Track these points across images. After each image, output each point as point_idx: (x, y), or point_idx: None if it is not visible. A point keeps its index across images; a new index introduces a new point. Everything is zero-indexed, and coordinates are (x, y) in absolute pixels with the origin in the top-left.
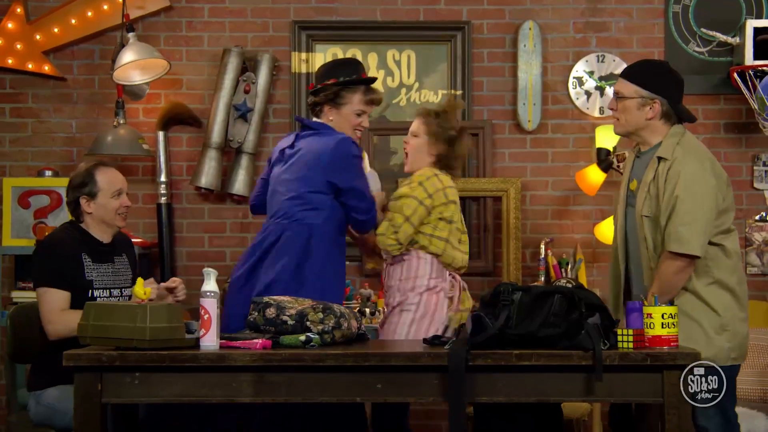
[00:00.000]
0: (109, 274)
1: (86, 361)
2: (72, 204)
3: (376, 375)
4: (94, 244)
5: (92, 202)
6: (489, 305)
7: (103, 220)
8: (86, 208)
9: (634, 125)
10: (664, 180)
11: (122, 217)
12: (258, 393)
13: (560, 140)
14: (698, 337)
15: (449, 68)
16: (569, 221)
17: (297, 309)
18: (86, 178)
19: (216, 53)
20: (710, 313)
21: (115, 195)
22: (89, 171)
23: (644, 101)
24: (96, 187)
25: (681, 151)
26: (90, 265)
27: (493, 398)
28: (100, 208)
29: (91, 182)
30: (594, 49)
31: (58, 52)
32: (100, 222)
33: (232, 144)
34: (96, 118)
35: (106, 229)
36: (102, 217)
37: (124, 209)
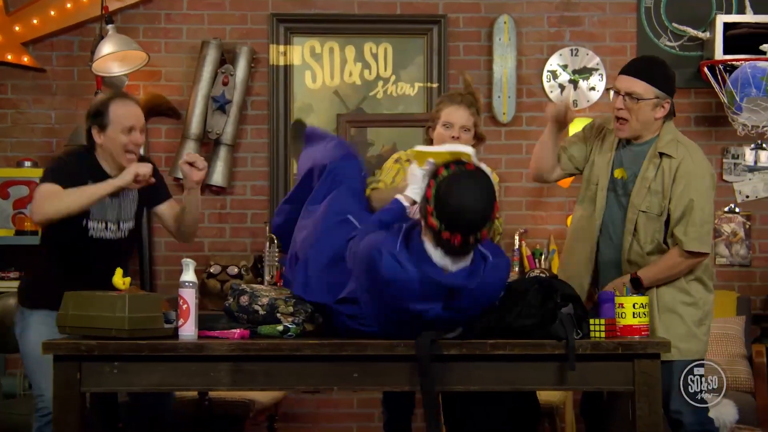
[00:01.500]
0: (109, 207)
1: (65, 351)
2: (87, 132)
3: (352, 364)
4: (102, 175)
5: (102, 134)
6: None
7: (111, 154)
8: (97, 138)
9: (644, 126)
10: (672, 179)
11: (129, 157)
12: (236, 382)
13: (534, 133)
14: (681, 330)
15: (425, 61)
16: (543, 212)
17: (269, 298)
18: (101, 108)
19: (194, 45)
20: (692, 307)
21: (126, 131)
22: (105, 102)
23: (659, 101)
24: (107, 119)
25: (685, 150)
26: None
27: (468, 387)
28: (109, 141)
29: (104, 113)
30: (568, 43)
31: (38, 43)
32: (109, 155)
33: (211, 135)
34: (75, 110)
35: (114, 163)
36: (110, 150)
37: (133, 146)
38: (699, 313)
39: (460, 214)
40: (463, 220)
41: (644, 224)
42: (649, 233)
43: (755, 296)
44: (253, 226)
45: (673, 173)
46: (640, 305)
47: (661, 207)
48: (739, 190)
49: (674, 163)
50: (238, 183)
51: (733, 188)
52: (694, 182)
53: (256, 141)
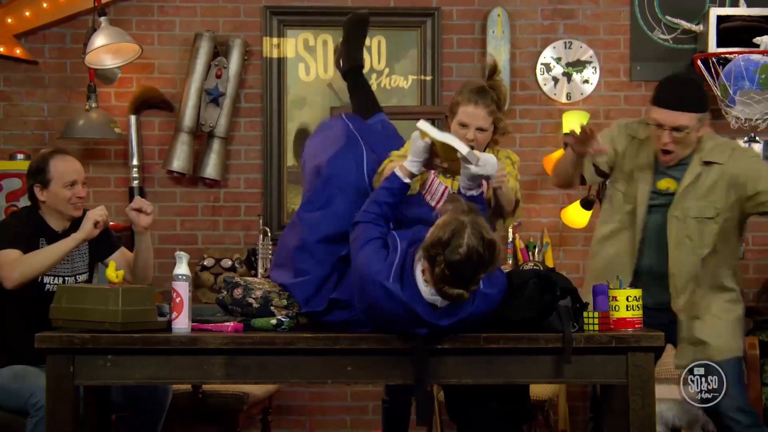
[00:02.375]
0: (65, 262)
1: (58, 344)
2: (29, 191)
3: (346, 358)
4: (50, 233)
5: (45, 190)
6: None
7: (56, 209)
8: (39, 196)
9: (690, 147)
10: (729, 182)
11: (75, 207)
12: (229, 375)
13: (528, 125)
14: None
15: (419, 54)
16: (536, 205)
17: (263, 291)
18: (41, 165)
19: (188, 38)
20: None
21: (68, 185)
22: (45, 158)
23: (701, 122)
24: (49, 175)
25: (729, 150)
26: None
27: (461, 380)
28: (52, 196)
29: (45, 170)
30: (562, 36)
31: (30, 35)
32: (54, 210)
33: (204, 128)
34: (68, 102)
35: (60, 218)
36: (54, 206)
37: (77, 199)
38: (739, 309)
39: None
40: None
41: (698, 230)
42: (705, 238)
43: (748, 289)
44: (247, 219)
45: (728, 176)
46: (634, 298)
47: (715, 210)
48: None
49: (726, 168)
50: (231, 176)
51: None
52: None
53: (249, 134)
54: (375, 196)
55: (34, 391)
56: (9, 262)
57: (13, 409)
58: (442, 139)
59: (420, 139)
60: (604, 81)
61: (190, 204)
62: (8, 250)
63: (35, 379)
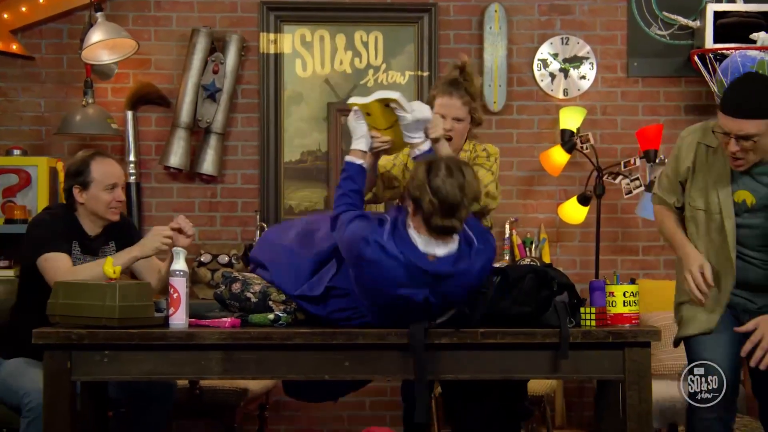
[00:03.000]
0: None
1: (55, 339)
2: (66, 192)
3: (343, 353)
4: (83, 235)
5: (84, 192)
6: None
7: (94, 212)
8: (78, 198)
9: (764, 154)
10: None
11: (114, 212)
12: (227, 371)
13: (525, 121)
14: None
15: (416, 50)
16: (533, 201)
17: (261, 286)
18: (81, 167)
19: (184, 33)
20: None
21: (109, 188)
22: (85, 160)
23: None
24: (90, 177)
25: None
26: (77, 255)
27: (458, 376)
28: (92, 199)
29: (85, 172)
30: (559, 32)
31: (26, 31)
32: (91, 213)
33: (201, 124)
34: (64, 98)
35: (96, 221)
36: (93, 209)
37: (117, 203)
38: None
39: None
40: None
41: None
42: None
43: None
44: (244, 215)
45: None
46: (631, 294)
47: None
48: None
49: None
50: (228, 171)
51: None
52: None
53: (246, 129)
54: (340, 190)
55: (28, 391)
56: (61, 271)
57: (10, 405)
58: (372, 98)
59: (352, 118)
60: (601, 77)
61: (187, 200)
62: (57, 254)
63: (33, 376)
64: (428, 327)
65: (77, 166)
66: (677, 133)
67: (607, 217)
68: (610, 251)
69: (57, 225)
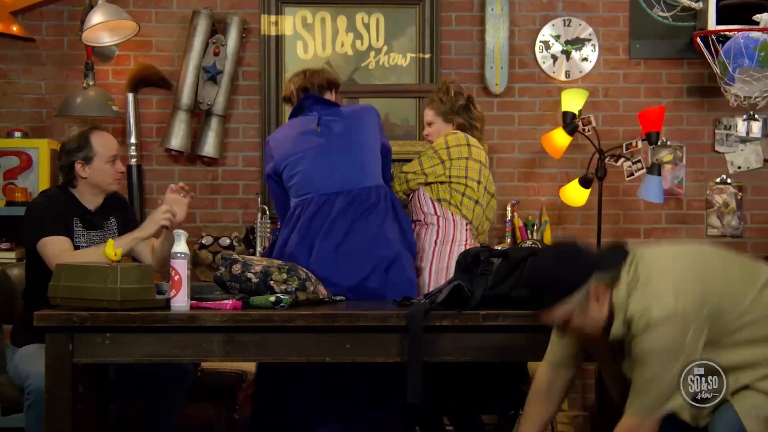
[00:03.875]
0: (97, 240)
1: (57, 322)
2: (66, 168)
3: (344, 335)
4: (83, 211)
5: (88, 166)
6: (466, 271)
7: (97, 185)
8: (81, 172)
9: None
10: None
11: (117, 183)
12: (228, 353)
13: (527, 103)
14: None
15: (417, 32)
16: (535, 183)
17: (262, 266)
18: (82, 142)
19: (185, 15)
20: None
21: (111, 161)
22: (84, 134)
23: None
24: (92, 151)
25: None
26: (80, 231)
27: (459, 358)
28: (96, 173)
29: (87, 146)
30: (561, 14)
31: (27, 12)
32: (95, 187)
33: (202, 106)
34: (65, 80)
35: (98, 194)
36: (97, 182)
37: (119, 174)
38: None
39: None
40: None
41: None
42: None
43: None
44: (245, 197)
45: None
46: None
47: None
48: (731, 161)
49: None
50: (229, 154)
51: (725, 159)
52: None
53: (247, 112)
54: None
55: (29, 374)
56: (60, 253)
57: (19, 389)
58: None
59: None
60: (603, 59)
61: (188, 182)
62: (56, 237)
63: (37, 359)
64: (428, 308)
65: (77, 142)
66: (679, 115)
67: (608, 199)
68: (612, 234)
69: (55, 207)
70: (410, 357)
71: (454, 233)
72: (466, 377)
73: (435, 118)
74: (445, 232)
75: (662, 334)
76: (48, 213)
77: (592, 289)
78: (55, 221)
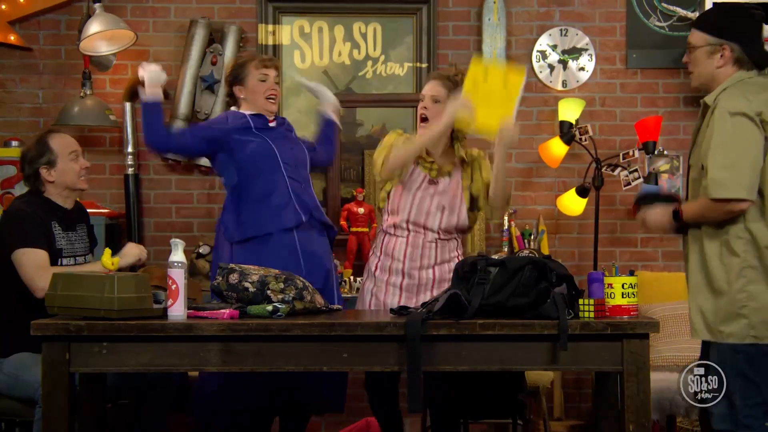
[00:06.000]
0: (75, 241)
1: (54, 331)
2: (32, 177)
3: (341, 344)
4: (61, 212)
5: (53, 170)
6: (463, 279)
7: (66, 186)
8: (47, 177)
9: (705, 76)
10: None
11: (84, 180)
12: (225, 362)
13: (524, 113)
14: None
15: (415, 41)
16: (532, 193)
17: (259, 276)
18: (41, 148)
19: (183, 24)
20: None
21: (73, 157)
22: (41, 140)
23: (713, 48)
24: (53, 154)
25: (715, 96)
26: (60, 234)
27: (457, 367)
28: (62, 174)
29: (47, 151)
30: (557, 23)
31: (24, 22)
32: (64, 188)
33: (199, 115)
34: (62, 89)
35: (69, 194)
36: (65, 182)
37: (84, 171)
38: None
39: None
40: None
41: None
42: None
43: None
44: None
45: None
46: (629, 285)
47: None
48: None
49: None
50: None
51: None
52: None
53: None
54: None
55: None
56: (38, 268)
57: (21, 398)
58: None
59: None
60: (600, 68)
61: (185, 191)
62: (34, 250)
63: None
64: (426, 318)
65: (37, 149)
66: (676, 125)
67: (605, 208)
68: (609, 243)
69: (33, 214)
70: (409, 366)
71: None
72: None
73: (444, 99)
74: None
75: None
76: (28, 222)
77: (726, 50)
78: (35, 231)
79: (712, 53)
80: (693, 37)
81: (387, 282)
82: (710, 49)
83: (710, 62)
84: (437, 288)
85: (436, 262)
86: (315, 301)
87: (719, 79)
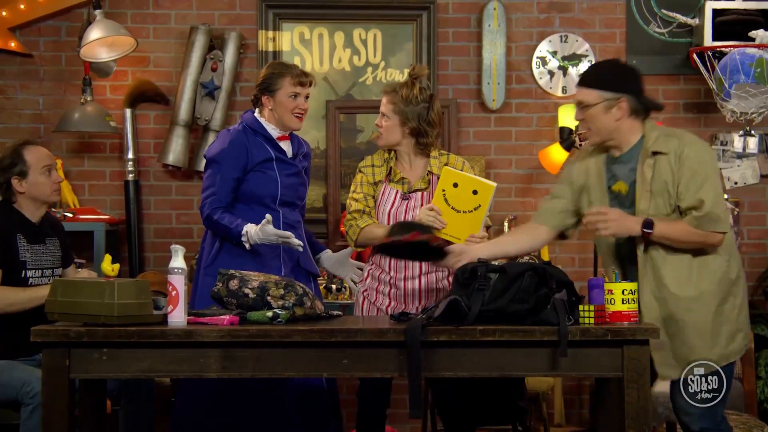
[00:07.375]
0: (41, 253)
1: (54, 337)
2: (3, 185)
3: (342, 351)
4: (27, 225)
5: (24, 181)
6: (463, 285)
7: (36, 198)
8: (18, 188)
9: (606, 131)
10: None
11: (56, 193)
12: (225, 369)
13: (524, 119)
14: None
15: (415, 47)
16: (532, 199)
17: (259, 282)
18: (15, 158)
19: (183, 31)
20: None
21: (45, 171)
22: (16, 150)
23: (609, 103)
24: (26, 165)
25: (677, 141)
26: (24, 246)
27: (457, 373)
28: (33, 186)
29: (20, 161)
30: (557, 30)
31: (25, 28)
32: (34, 200)
33: (200, 122)
34: (63, 95)
35: (39, 207)
36: (36, 195)
37: (56, 185)
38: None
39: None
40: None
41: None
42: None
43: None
44: None
45: (671, 168)
46: (629, 291)
47: (668, 206)
48: (727, 177)
49: (670, 158)
50: None
51: (721, 175)
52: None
53: None
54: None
55: (27, 380)
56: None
57: (3, 402)
58: (472, 176)
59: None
60: None
61: (185, 197)
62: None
63: (24, 368)
64: (426, 324)
65: (10, 159)
66: None
67: None
68: None
69: None
70: (410, 373)
71: None
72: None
73: (392, 115)
74: None
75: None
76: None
77: (623, 102)
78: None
79: (609, 108)
80: (584, 95)
81: (377, 290)
82: (607, 104)
83: (608, 117)
84: (425, 298)
85: (422, 272)
86: (315, 308)
87: (622, 130)
